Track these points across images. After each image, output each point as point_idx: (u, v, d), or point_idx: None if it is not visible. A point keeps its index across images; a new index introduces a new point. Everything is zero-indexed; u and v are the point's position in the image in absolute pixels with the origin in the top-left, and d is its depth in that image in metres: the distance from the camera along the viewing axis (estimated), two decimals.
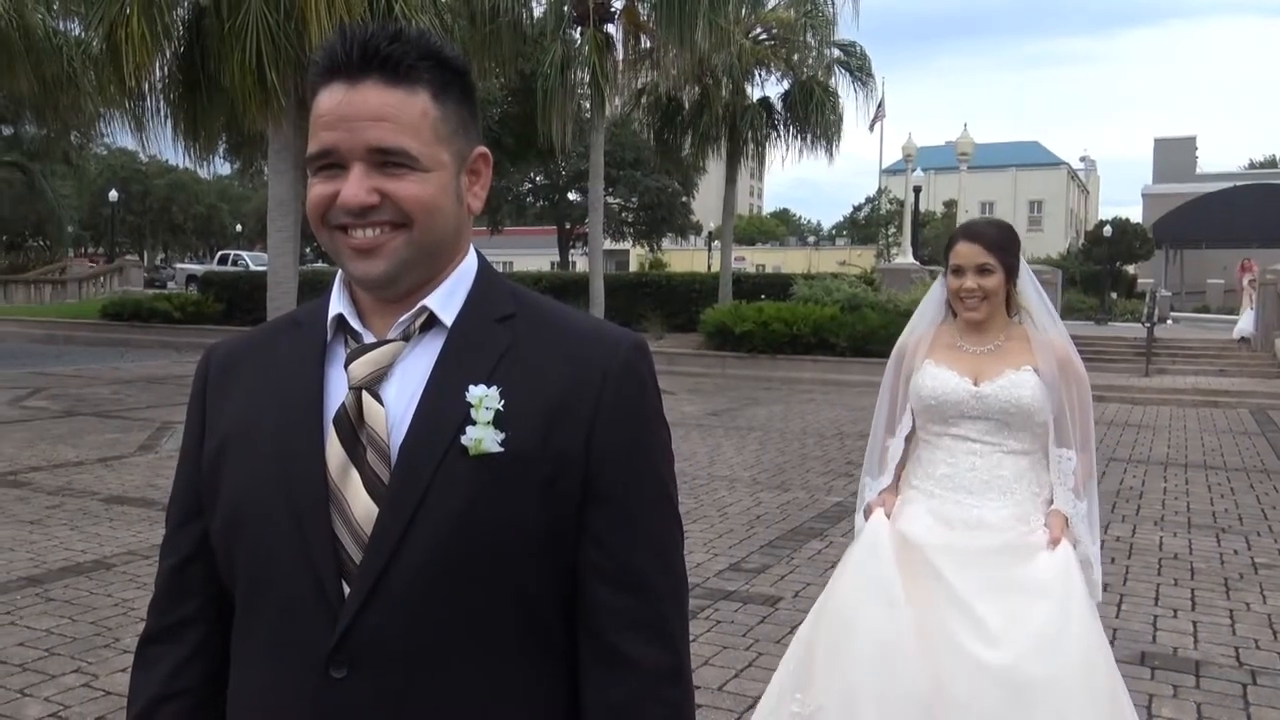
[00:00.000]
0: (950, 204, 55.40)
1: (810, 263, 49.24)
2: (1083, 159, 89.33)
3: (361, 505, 1.08)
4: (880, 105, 31.69)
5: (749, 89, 21.32)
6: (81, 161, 30.66)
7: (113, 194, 38.98)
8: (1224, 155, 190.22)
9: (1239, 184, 47.78)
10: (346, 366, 1.13)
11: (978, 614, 2.66)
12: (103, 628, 4.94)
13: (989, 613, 2.66)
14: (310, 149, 1.10)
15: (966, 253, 2.85)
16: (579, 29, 16.35)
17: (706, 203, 53.08)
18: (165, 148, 20.24)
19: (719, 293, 21.66)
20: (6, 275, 34.28)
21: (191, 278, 33.04)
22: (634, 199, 45.08)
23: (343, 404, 1.11)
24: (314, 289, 23.27)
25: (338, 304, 1.17)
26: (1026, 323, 2.96)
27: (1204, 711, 4.21)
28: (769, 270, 47.70)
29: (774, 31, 20.88)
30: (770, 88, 21.85)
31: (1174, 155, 61.16)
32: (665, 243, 50.94)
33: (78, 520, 7.07)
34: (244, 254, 38.48)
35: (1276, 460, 10.88)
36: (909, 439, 3.07)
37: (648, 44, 16.71)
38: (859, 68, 21.16)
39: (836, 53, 21.39)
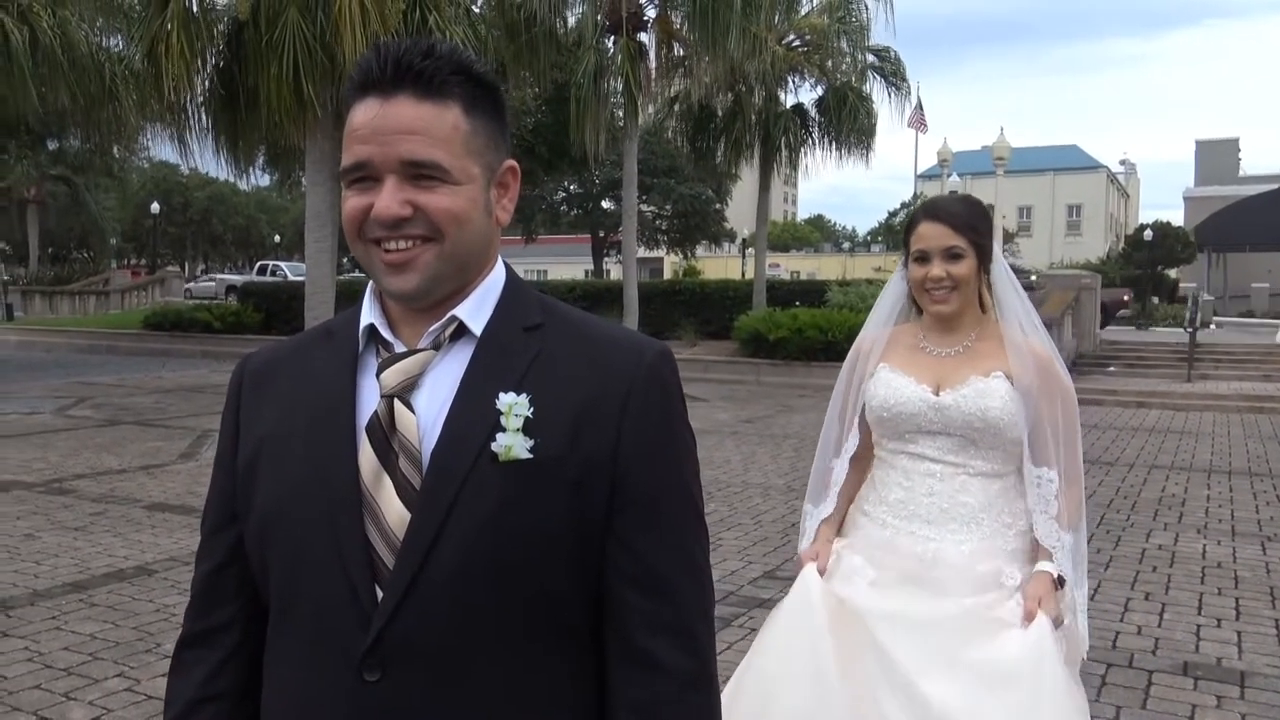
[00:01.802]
0: (989, 208, 54.90)
1: (845, 269, 49.04)
2: (1122, 162, 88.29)
3: (394, 511, 1.10)
4: (919, 110, 31.53)
5: (782, 95, 21.29)
6: (124, 174, 31.19)
7: (154, 206, 39.58)
8: (1268, 156, 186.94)
9: None
10: (378, 375, 1.15)
11: (922, 694, 2.16)
12: (145, 633, 5.02)
13: (936, 694, 2.15)
14: (344, 162, 1.12)
15: (931, 234, 2.39)
16: (612, 38, 16.41)
17: (740, 210, 52.96)
18: (205, 160, 20.61)
19: (753, 300, 21.61)
20: (52, 287, 34.94)
21: (231, 288, 33.49)
22: (668, 206, 45.09)
23: (375, 412, 1.13)
24: (351, 298, 23.60)
25: (369, 314, 1.19)
26: (1004, 320, 2.47)
27: None
28: (803, 277, 47.49)
29: (807, 38, 20.83)
30: (804, 94, 21.87)
31: (1216, 157, 60.27)
32: (699, 250, 50.91)
33: (120, 527, 7.19)
34: (282, 264, 38.94)
35: None
36: (855, 460, 2.59)
37: (680, 52, 16.74)
38: (893, 73, 21.05)
39: (870, 58, 21.30)
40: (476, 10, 18.01)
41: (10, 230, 38.74)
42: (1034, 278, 22.67)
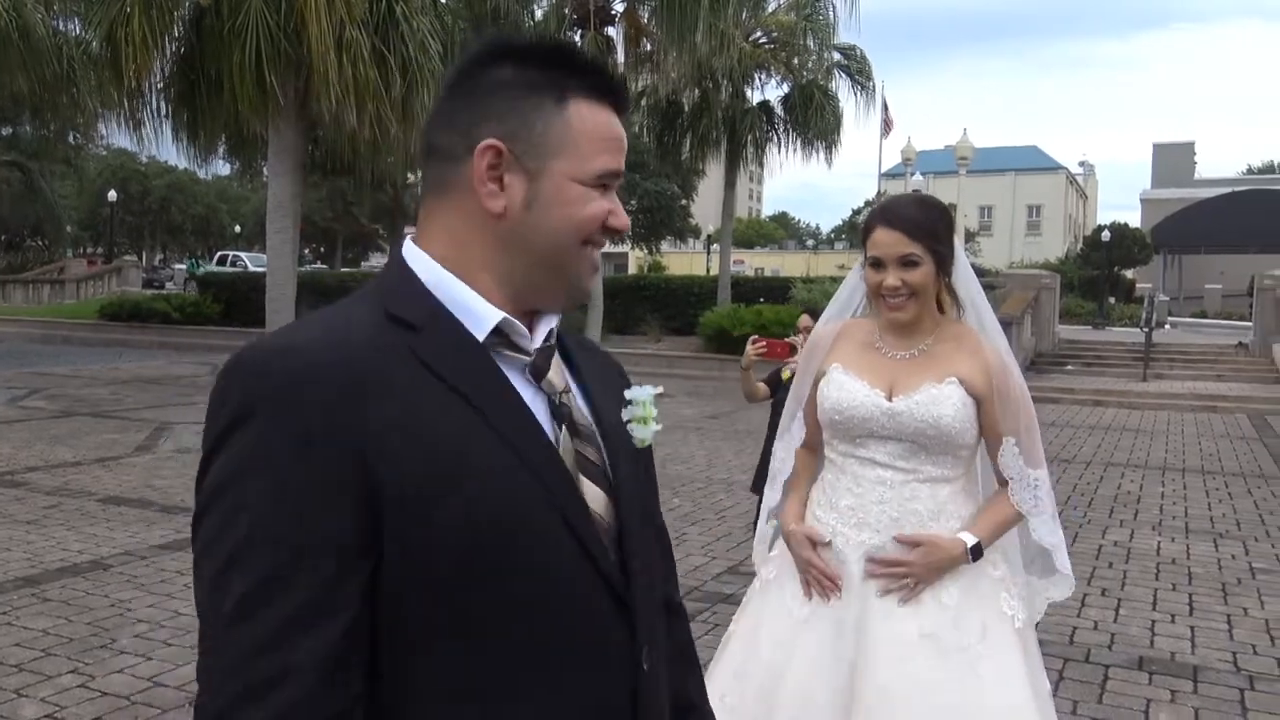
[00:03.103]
0: (950, 207, 55.47)
1: (809, 266, 49.28)
2: (1081, 164, 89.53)
3: (597, 500, 1.12)
4: (886, 113, 31.75)
5: (749, 92, 21.36)
6: (81, 162, 30.66)
7: (111, 194, 38.92)
8: (1223, 160, 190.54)
9: (1238, 189, 47.89)
10: (536, 373, 1.10)
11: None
12: (99, 628, 4.93)
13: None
14: (599, 166, 1.09)
15: (886, 241, 2.27)
16: (579, 32, 16.35)
17: (706, 206, 53.07)
18: (165, 148, 20.27)
19: (717, 296, 21.65)
20: (5, 275, 34.29)
21: (191, 277, 33.03)
22: (633, 202, 45.06)
23: (562, 407, 1.11)
24: (312, 291, 23.24)
25: (494, 312, 1.08)
26: (970, 320, 2.42)
27: (1201, 717, 4.21)
28: (768, 274, 47.71)
29: (774, 35, 20.90)
30: (770, 91, 21.96)
31: (1173, 160, 61.32)
32: (664, 245, 50.95)
33: (74, 520, 7.06)
34: (242, 255, 38.45)
35: (1274, 465, 10.89)
36: (804, 451, 2.57)
37: (648, 47, 16.72)
38: (859, 71, 21.19)
39: (836, 56, 21.42)
40: (444, 1, 17.89)
41: None
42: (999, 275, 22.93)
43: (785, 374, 4.56)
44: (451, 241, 1.08)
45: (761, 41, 20.99)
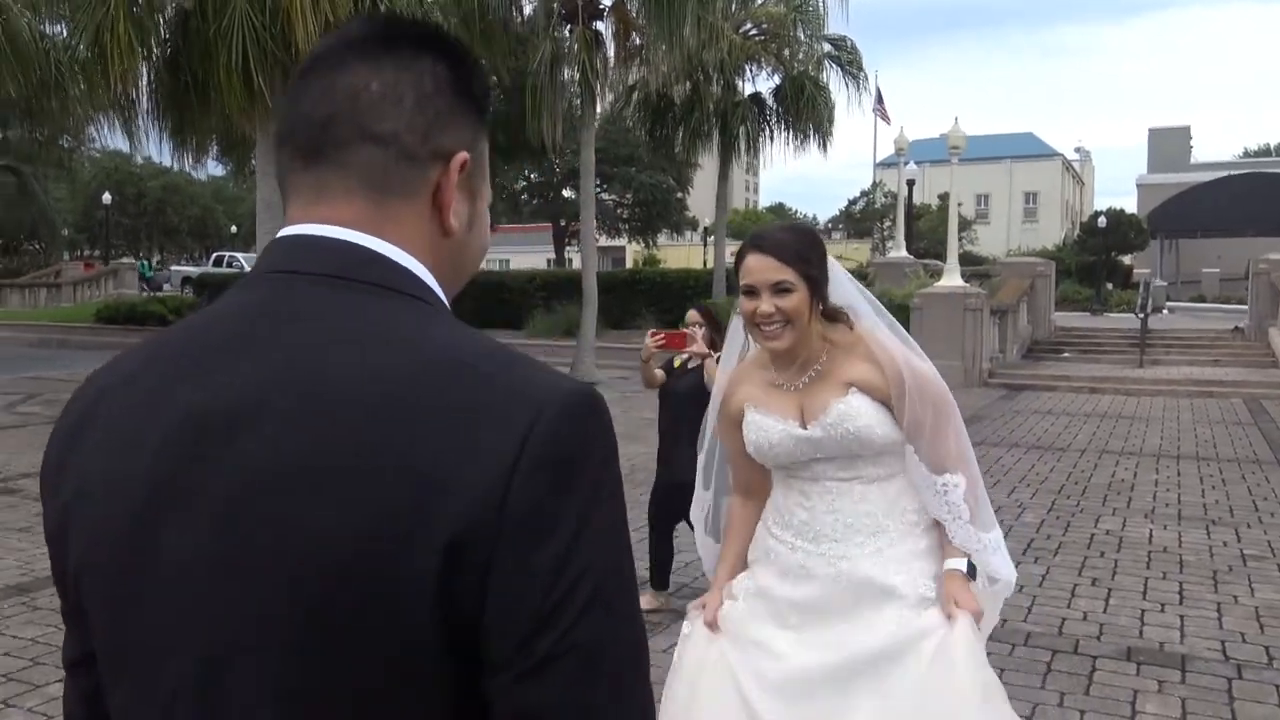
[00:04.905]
0: (945, 196, 55.44)
1: None
2: (1077, 150, 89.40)
3: None
4: (880, 102, 31.69)
5: (740, 84, 21.33)
6: (74, 165, 30.59)
7: (106, 197, 38.90)
8: (1218, 144, 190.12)
9: (1234, 173, 47.82)
10: None
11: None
12: None
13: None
14: (490, 191, 1.03)
15: (758, 268, 2.27)
16: (568, 26, 16.32)
17: (702, 198, 52.92)
18: (156, 151, 20.23)
19: (713, 288, 21.64)
20: (1, 279, 34.26)
21: (187, 279, 33.01)
22: (629, 195, 45.06)
23: None
24: None
25: None
26: (865, 325, 2.42)
27: (1189, 707, 4.21)
28: None
29: (764, 27, 20.86)
30: (761, 83, 21.85)
31: (1168, 145, 61.26)
32: (661, 239, 50.91)
33: None
34: (239, 255, 38.40)
35: (1269, 450, 10.88)
36: (747, 496, 2.57)
37: (638, 41, 16.69)
38: (849, 62, 21.14)
39: (827, 47, 21.38)
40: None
41: None
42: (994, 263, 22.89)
43: (678, 362, 5.25)
44: (408, 248, 0.92)
45: (752, 33, 20.95)
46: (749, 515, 2.52)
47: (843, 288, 2.42)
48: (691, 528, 5.28)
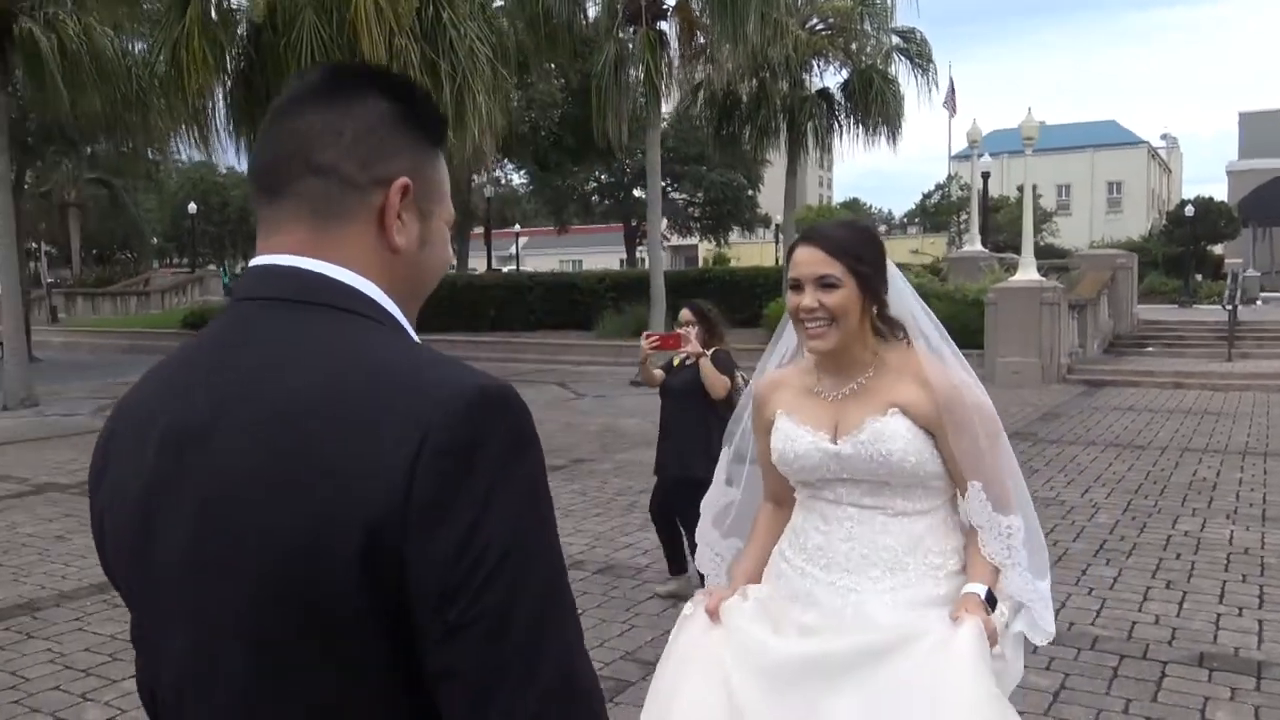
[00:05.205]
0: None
1: None
2: (1164, 136, 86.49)
3: None
4: (951, 92, 31.13)
5: (807, 80, 21.11)
6: (161, 176, 31.69)
7: (191, 206, 40.15)
8: None
9: None
10: None
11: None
12: None
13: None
14: (452, 210, 1.14)
15: (805, 260, 2.13)
16: (632, 28, 16.36)
17: (774, 195, 52.52)
18: (235, 161, 20.81)
19: (782, 286, 21.43)
20: (94, 288, 35.60)
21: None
22: (699, 194, 44.94)
23: None
24: None
25: None
26: (921, 346, 2.22)
27: (1262, 715, 4.06)
28: None
29: (830, 21, 20.63)
30: (829, 78, 21.59)
31: (1261, 129, 58.90)
32: (733, 236, 50.67)
33: None
34: None
35: None
36: (776, 504, 2.43)
37: (702, 39, 16.65)
38: (919, 54, 20.78)
39: (895, 40, 21.06)
40: (499, 2, 18.06)
41: (54, 233, 39.57)
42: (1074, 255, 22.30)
43: (676, 360, 5.44)
44: (357, 271, 1.03)
45: (818, 28, 20.74)
46: (777, 523, 2.39)
47: (904, 301, 2.24)
48: (682, 524, 5.38)
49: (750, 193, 45.59)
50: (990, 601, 2.08)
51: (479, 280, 28.15)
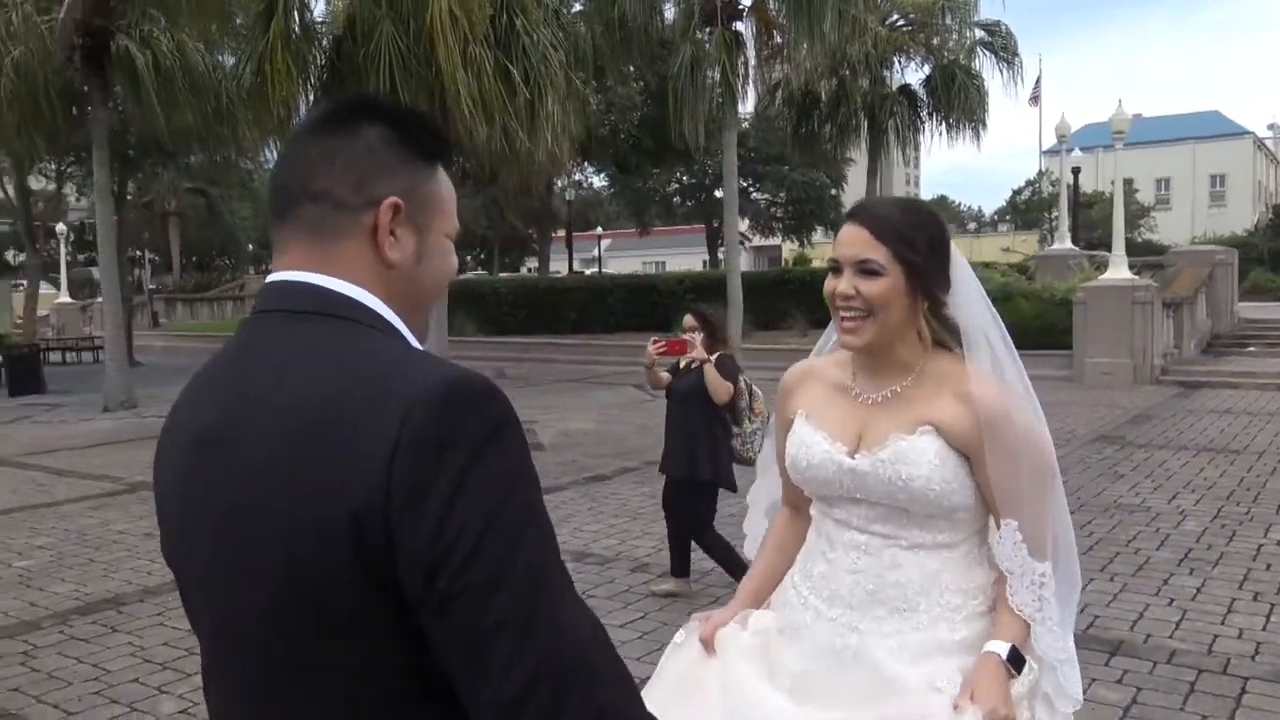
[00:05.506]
0: (1127, 182, 52.71)
1: (971, 251, 47.57)
2: (1271, 126, 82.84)
3: None
4: (1037, 85, 30.34)
5: (888, 77, 20.80)
6: (255, 184, 32.77)
7: None
8: None
9: None
10: None
11: None
12: None
13: None
14: (456, 223, 1.21)
15: (847, 240, 1.82)
16: (708, 29, 16.33)
17: (857, 194, 51.90)
18: None
19: None
20: (192, 294, 36.97)
21: None
22: (781, 194, 44.59)
23: None
24: (464, 299, 23.85)
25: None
26: (981, 360, 1.87)
27: None
28: None
29: (911, 17, 20.31)
30: (910, 74, 21.24)
31: None
32: (816, 236, 50.18)
33: None
34: None
35: None
36: (794, 512, 2.16)
37: (779, 39, 16.53)
38: (1003, 47, 20.30)
39: (979, 33, 20.62)
40: (578, 7, 18.21)
41: (156, 241, 41.22)
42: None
43: (682, 364, 5.46)
44: (354, 283, 1.12)
45: (899, 24, 20.43)
46: (792, 534, 2.13)
47: (970, 304, 1.88)
48: (697, 524, 5.41)
49: (833, 192, 45.05)
50: (1015, 661, 1.79)
51: (560, 283, 28.41)
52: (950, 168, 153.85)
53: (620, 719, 1.00)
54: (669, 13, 17.19)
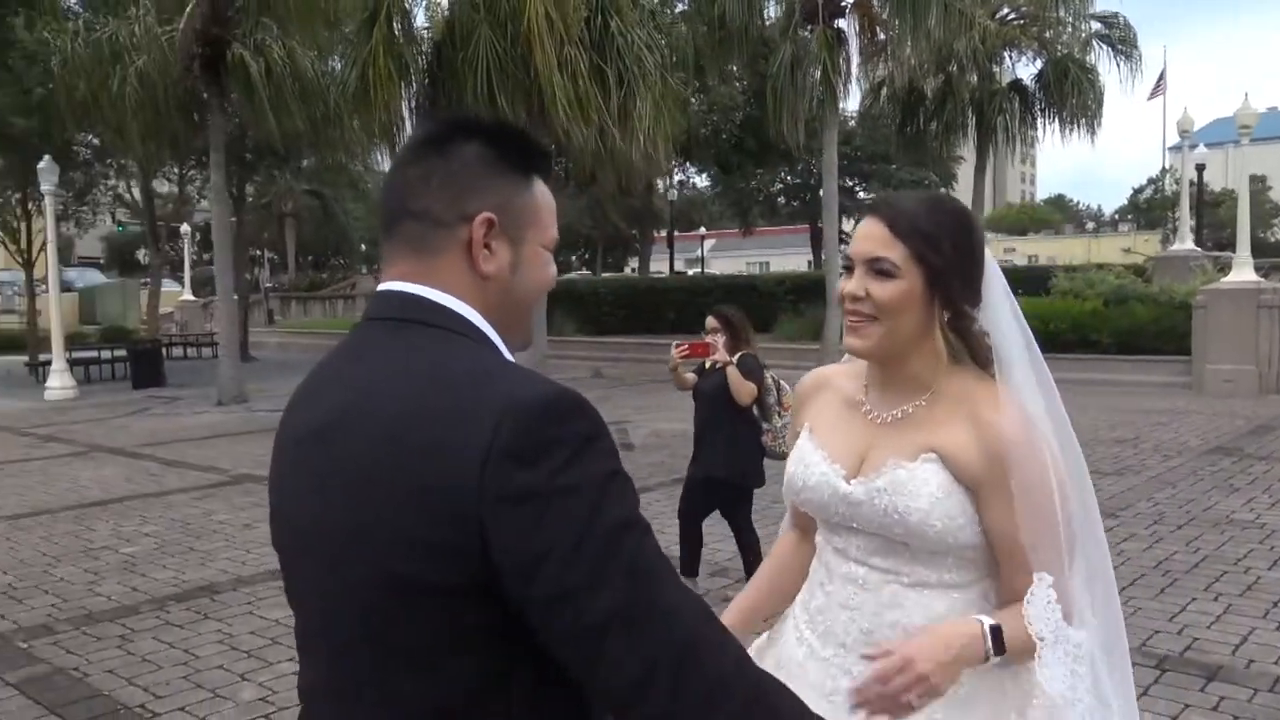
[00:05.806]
0: (1259, 179, 49.88)
1: (1090, 251, 45.92)
2: None
3: None
4: (1161, 78, 29.09)
5: (997, 72, 20.19)
6: (367, 186, 33.79)
7: None
8: None
9: None
10: None
11: None
12: None
13: None
14: (554, 234, 1.30)
15: (862, 235, 1.63)
16: (809, 27, 16.12)
17: (968, 193, 50.65)
18: None
19: None
20: (306, 292, 38.28)
21: None
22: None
23: None
24: (563, 299, 24.10)
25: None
26: (1006, 380, 1.64)
27: None
28: (1042, 261, 44.82)
29: (1023, 10, 19.66)
30: (1021, 69, 20.54)
31: None
32: None
33: None
34: None
35: None
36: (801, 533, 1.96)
37: (882, 36, 16.22)
38: (1121, 40, 19.47)
39: (1095, 26, 19.83)
40: (680, 8, 18.18)
41: (274, 241, 42.89)
42: None
43: (707, 364, 5.53)
44: (452, 294, 1.22)
45: (1009, 18, 19.81)
46: (794, 559, 1.93)
47: (1003, 321, 1.65)
48: (725, 516, 5.40)
49: (942, 190, 44.11)
50: (997, 644, 1.55)
51: (660, 283, 28.46)
52: (1071, 167, 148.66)
53: (736, 680, 1.07)
54: (770, 11, 17.04)
